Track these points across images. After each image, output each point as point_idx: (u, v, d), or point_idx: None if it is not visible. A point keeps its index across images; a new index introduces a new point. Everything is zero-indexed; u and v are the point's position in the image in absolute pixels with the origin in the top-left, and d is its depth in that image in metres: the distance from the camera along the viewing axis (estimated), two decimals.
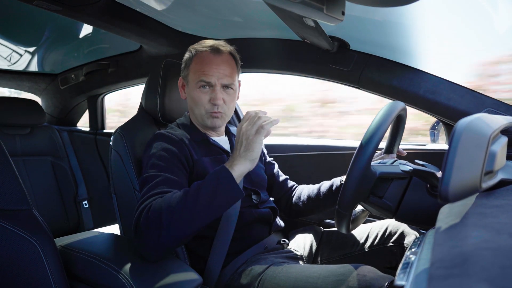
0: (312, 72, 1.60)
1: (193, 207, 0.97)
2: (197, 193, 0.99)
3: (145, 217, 0.99)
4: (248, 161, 1.03)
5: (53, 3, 1.27)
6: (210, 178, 1.03)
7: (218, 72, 1.24)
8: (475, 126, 0.58)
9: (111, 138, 1.38)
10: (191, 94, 1.29)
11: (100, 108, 2.62)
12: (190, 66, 1.29)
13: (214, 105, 1.25)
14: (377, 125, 0.94)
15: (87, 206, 2.42)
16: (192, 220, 0.98)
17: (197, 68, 1.25)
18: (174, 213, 0.97)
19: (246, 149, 1.03)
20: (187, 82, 1.31)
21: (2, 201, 0.96)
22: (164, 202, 0.99)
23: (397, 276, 0.59)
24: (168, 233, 0.97)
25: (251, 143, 1.02)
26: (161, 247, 0.99)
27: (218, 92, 1.24)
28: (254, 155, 1.03)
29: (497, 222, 0.55)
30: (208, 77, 1.23)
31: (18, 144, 2.16)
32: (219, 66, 1.24)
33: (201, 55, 1.27)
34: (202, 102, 1.26)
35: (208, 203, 0.98)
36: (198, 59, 1.27)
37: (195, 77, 1.26)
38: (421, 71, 1.40)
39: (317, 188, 1.42)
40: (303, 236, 1.46)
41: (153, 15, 1.55)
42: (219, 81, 1.24)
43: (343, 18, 0.81)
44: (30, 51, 2.16)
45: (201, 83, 1.24)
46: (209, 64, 1.24)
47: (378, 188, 1.01)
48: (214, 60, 1.25)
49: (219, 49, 1.26)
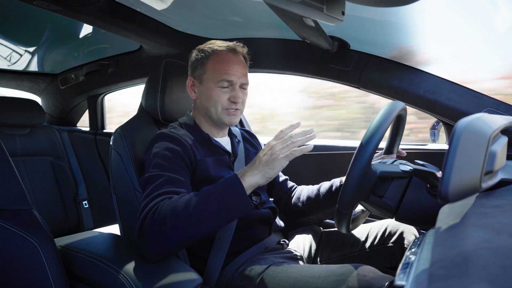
0: (312, 72, 1.60)
1: (200, 215, 0.97)
2: (206, 201, 0.98)
3: (150, 218, 0.99)
4: (262, 176, 1.01)
5: (53, 3, 1.27)
6: (220, 186, 1.02)
7: (238, 71, 1.27)
8: (475, 126, 0.58)
9: (111, 138, 1.38)
10: (208, 93, 1.28)
11: (100, 108, 2.62)
12: (207, 65, 1.29)
13: (234, 102, 1.27)
14: (377, 125, 0.94)
15: (87, 206, 2.42)
16: (197, 227, 0.98)
17: (218, 67, 1.26)
18: (180, 218, 0.97)
19: (267, 165, 1.00)
20: (202, 82, 1.30)
21: (2, 201, 0.96)
22: (171, 205, 0.99)
23: (397, 276, 0.58)
24: (172, 237, 0.97)
25: (275, 162, 0.99)
26: (164, 249, 1.00)
27: (239, 91, 1.27)
28: (272, 174, 1.01)
29: (497, 222, 0.55)
30: (230, 76, 1.26)
31: (18, 144, 2.16)
32: (238, 65, 1.28)
33: (220, 54, 1.28)
34: (221, 100, 1.27)
35: (215, 212, 0.98)
36: (217, 59, 1.28)
37: (215, 76, 1.26)
38: (421, 71, 1.40)
39: (317, 188, 1.42)
40: (303, 236, 1.46)
41: (153, 15, 1.55)
42: (239, 80, 1.27)
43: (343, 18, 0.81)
44: (30, 51, 2.15)
45: (223, 83, 1.26)
46: (230, 64, 1.26)
47: (378, 187, 1.01)
48: (233, 59, 1.28)
49: (236, 50, 1.30)
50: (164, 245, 0.98)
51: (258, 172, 1.01)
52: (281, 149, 0.99)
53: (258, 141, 1.58)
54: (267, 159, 1.00)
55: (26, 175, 2.15)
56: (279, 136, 1.03)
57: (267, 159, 1.00)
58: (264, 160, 1.01)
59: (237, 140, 1.44)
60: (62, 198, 2.28)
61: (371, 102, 2.98)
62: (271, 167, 1.00)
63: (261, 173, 1.01)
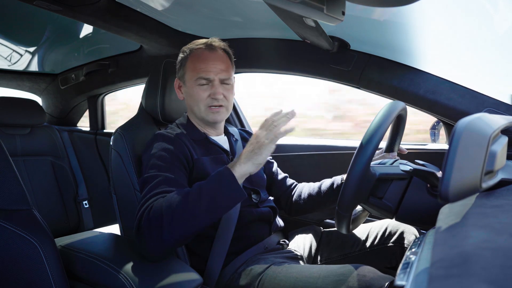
0: (313, 72, 1.60)
1: (195, 208, 0.97)
2: (199, 193, 0.99)
3: (146, 217, 0.99)
4: (251, 164, 1.02)
5: (53, 3, 1.27)
6: (212, 178, 1.03)
7: (215, 67, 1.27)
8: (475, 126, 0.58)
9: (111, 138, 1.38)
10: (189, 92, 1.30)
11: (100, 108, 2.62)
12: (186, 65, 1.31)
13: (214, 99, 1.27)
14: (377, 125, 0.94)
15: (87, 206, 2.41)
16: (193, 220, 0.98)
17: (194, 65, 1.28)
18: (176, 213, 0.97)
19: (254, 152, 1.01)
20: (184, 82, 1.32)
21: (2, 201, 0.96)
22: (165, 202, 1.00)
23: (397, 276, 0.58)
24: (170, 233, 0.97)
25: (261, 148, 1.01)
26: (162, 247, 1.00)
27: (218, 87, 1.27)
28: (260, 160, 1.02)
29: (497, 222, 0.55)
30: (206, 73, 1.26)
31: (18, 144, 2.16)
32: (215, 61, 1.27)
33: (196, 52, 1.29)
34: (202, 98, 1.28)
35: (209, 203, 0.98)
36: (194, 57, 1.29)
37: (193, 75, 1.28)
38: (422, 71, 1.40)
39: (318, 186, 1.42)
40: (303, 236, 1.46)
41: (153, 15, 1.55)
42: (217, 76, 1.27)
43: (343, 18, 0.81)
44: (30, 51, 2.15)
45: (200, 81, 1.26)
46: (205, 61, 1.27)
47: (377, 189, 1.01)
48: (210, 56, 1.28)
49: (212, 45, 1.30)
50: (163, 242, 0.98)
51: (247, 160, 1.02)
52: (266, 135, 1.01)
53: None
54: (254, 147, 1.02)
55: (26, 175, 2.15)
56: (263, 125, 1.05)
57: (254, 147, 1.02)
58: (251, 148, 1.03)
59: (234, 139, 1.44)
60: (62, 198, 2.28)
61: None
62: (258, 153, 1.01)
63: (250, 161, 1.02)
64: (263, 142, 1.00)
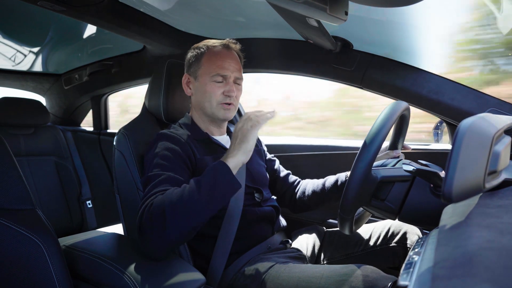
0: (315, 72, 1.60)
1: (194, 201, 0.98)
2: (197, 187, 1.00)
3: (147, 214, 0.99)
4: (241, 153, 1.08)
5: (57, 3, 1.28)
6: (208, 171, 1.05)
7: (232, 66, 1.30)
8: (479, 126, 0.58)
9: (115, 138, 1.38)
10: (202, 88, 1.31)
11: (104, 108, 2.63)
12: (201, 61, 1.32)
13: (228, 96, 1.30)
14: (380, 126, 0.93)
15: (91, 206, 2.42)
16: (194, 213, 0.98)
17: (212, 62, 1.30)
18: (176, 207, 0.97)
19: (241, 141, 1.08)
20: (196, 77, 1.33)
21: (7, 200, 0.96)
22: (166, 197, 1.00)
23: (401, 276, 0.58)
24: (171, 228, 0.97)
25: (246, 135, 1.08)
26: (165, 243, 1.00)
27: (233, 85, 1.30)
28: (248, 147, 1.08)
29: (500, 222, 0.55)
30: (224, 70, 1.29)
31: (22, 144, 2.17)
32: (232, 60, 1.31)
33: (214, 50, 1.32)
34: (216, 94, 1.30)
35: (207, 195, 0.99)
36: (211, 54, 1.31)
37: (209, 71, 1.29)
38: (425, 71, 1.40)
39: (322, 183, 1.43)
40: (306, 236, 1.45)
41: (157, 15, 1.56)
42: (233, 74, 1.30)
43: (346, 18, 0.81)
44: (34, 51, 2.17)
45: (217, 77, 1.29)
46: (224, 58, 1.30)
47: (380, 191, 1.00)
48: (227, 54, 1.32)
49: (229, 46, 1.34)
50: (165, 238, 0.98)
51: (237, 151, 1.08)
52: (247, 123, 1.09)
53: (259, 140, 1.58)
54: (239, 136, 1.09)
55: (30, 175, 2.16)
56: (242, 117, 1.13)
57: (239, 137, 1.09)
58: (238, 139, 1.09)
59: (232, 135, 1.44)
60: (66, 198, 2.29)
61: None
62: (245, 141, 1.08)
63: (240, 151, 1.07)
64: (247, 129, 1.08)
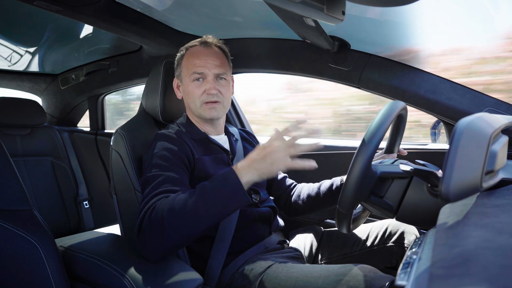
0: (312, 72, 1.60)
1: (197, 212, 0.96)
2: (203, 197, 0.97)
3: (148, 218, 0.99)
4: (258, 176, 0.98)
5: (53, 3, 1.27)
6: (218, 182, 0.99)
7: (208, 62, 1.28)
8: (476, 125, 0.58)
9: (112, 139, 1.38)
10: (185, 90, 1.32)
11: (101, 108, 2.62)
12: (182, 63, 1.33)
13: (209, 95, 1.27)
14: (377, 125, 0.94)
15: (88, 206, 2.42)
16: (195, 223, 0.97)
17: (189, 62, 1.30)
18: (178, 216, 0.96)
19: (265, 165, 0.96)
20: (181, 80, 1.34)
21: (3, 201, 0.96)
22: (168, 203, 0.99)
23: (398, 276, 0.58)
24: (171, 235, 0.97)
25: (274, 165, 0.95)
26: (163, 248, 0.99)
27: (211, 82, 1.28)
28: (268, 175, 0.98)
29: (497, 222, 0.55)
30: (199, 68, 1.27)
31: (18, 144, 2.16)
32: (208, 57, 1.29)
33: (191, 50, 1.32)
34: (197, 95, 1.29)
35: (213, 208, 0.97)
36: (189, 54, 1.32)
37: (187, 72, 1.30)
38: (422, 71, 1.40)
39: (317, 187, 1.42)
40: (304, 236, 1.46)
41: (154, 15, 1.55)
42: (211, 71, 1.28)
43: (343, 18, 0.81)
44: (30, 51, 2.15)
45: (194, 76, 1.28)
46: (199, 56, 1.29)
47: (378, 187, 1.01)
48: (204, 52, 1.30)
49: (207, 42, 1.32)
50: (163, 245, 0.98)
51: (255, 171, 0.97)
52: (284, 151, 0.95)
53: (256, 140, 1.59)
54: (267, 159, 0.96)
55: (27, 176, 2.15)
56: (283, 133, 0.98)
57: (267, 160, 0.96)
58: (262, 159, 0.96)
59: (234, 138, 1.44)
60: (63, 198, 2.29)
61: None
62: (269, 169, 0.96)
63: (258, 172, 0.97)
64: (277, 159, 0.95)
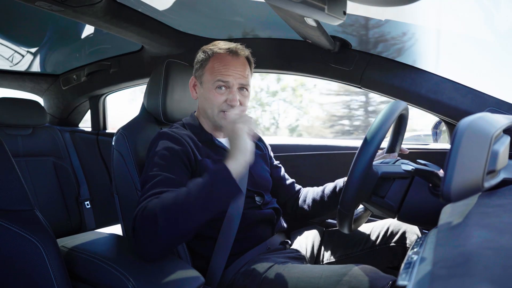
0: (314, 72, 1.60)
1: (189, 205, 0.96)
2: (194, 190, 0.98)
3: (140, 217, 0.98)
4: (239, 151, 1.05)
5: (55, 4, 1.27)
6: (208, 175, 1.02)
7: (236, 73, 1.25)
8: (477, 125, 0.58)
9: (113, 138, 1.38)
10: (205, 94, 1.29)
11: (102, 109, 2.63)
12: (206, 66, 1.29)
13: (230, 105, 1.25)
14: (379, 125, 0.94)
15: (89, 206, 2.42)
16: (187, 218, 0.97)
17: (215, 68, 1.26)
18: (169, 212, 0.96)
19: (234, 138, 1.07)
20: (201, 82, 1.31)
21: (5, 201, 0.96)
22: (160, 201, 0.99)
23: (399, 276, 0.58)
24: (164, 233, 0.96)
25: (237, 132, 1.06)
26: (159, 247, 0.99)
27: (235, 93, 1.25)
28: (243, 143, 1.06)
29: (499, 222, 0.55)
30: (226, 77, 1.24)
31: (20, 144, 2.17)
32: (236, 68, 1.26)
33: (219, 56, 1.27)
34: (218, 102, 1.26)
35: (204, 200, 0.97)
36: (215, 60, 1.27)
37: (212, 77, 1.26)
38: (423, 71, 1.40)
39: (321, 190, 1.42)
40: (305, 236, 1.45)
41: (155, 15, 1.55)
42: (236, 81, 1.26)
43: (344, 18, 0.81)
44: (32, 51, 2.16)
45: (219, 83, 1.25)
46: (227, 65, 1.25)
47: (380, 188, 1.01)
48: (232, 61, 1.26)
49: (237, 52, 1.28)
50: (157, 242, 0.97)
51: (233, 149, 1.06)
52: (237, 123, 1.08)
53: (264, 143, 1.57)
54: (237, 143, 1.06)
55: (28, 176, 2.15)
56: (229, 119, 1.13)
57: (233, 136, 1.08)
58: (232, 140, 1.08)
59: None
60: (64, 199, 2.29)
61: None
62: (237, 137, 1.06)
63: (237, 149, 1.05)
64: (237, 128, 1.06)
